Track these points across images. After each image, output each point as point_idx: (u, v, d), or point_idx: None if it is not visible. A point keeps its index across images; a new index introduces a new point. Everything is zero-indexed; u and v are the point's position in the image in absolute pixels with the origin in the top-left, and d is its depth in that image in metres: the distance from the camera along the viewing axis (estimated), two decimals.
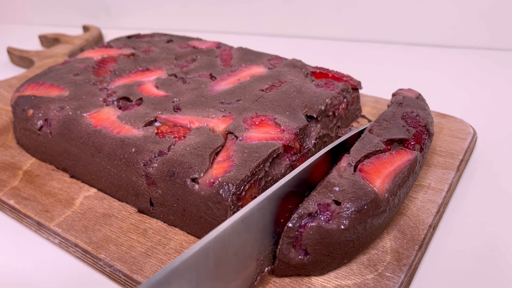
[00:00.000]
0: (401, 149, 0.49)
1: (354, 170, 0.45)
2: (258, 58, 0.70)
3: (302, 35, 1.11)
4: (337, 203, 0.41)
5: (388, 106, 0.57)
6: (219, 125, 0.53)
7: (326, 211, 0.41)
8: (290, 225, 0.40)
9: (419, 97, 0.58)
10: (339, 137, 0.53)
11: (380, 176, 0.45)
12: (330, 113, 0.59)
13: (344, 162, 0.46)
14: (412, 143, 0.50)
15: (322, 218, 0.40)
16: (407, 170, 0.47)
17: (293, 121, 0.53)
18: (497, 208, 0.53)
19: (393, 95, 0.60)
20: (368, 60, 0.95)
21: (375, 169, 0.45)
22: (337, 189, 0.42)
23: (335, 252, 0.42)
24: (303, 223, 0.40)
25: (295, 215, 0.40)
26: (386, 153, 0.48)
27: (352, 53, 1.00)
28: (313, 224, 0.40)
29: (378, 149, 0.48)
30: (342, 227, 0.40)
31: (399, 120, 0.52)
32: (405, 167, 0.47)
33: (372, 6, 1.01)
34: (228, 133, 0.52)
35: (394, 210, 0.46)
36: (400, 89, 0.60)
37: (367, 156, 0.47)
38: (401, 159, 0.47)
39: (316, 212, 0.41)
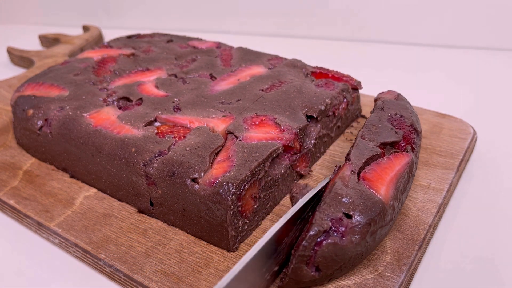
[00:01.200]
0: (396, 151, 0.49)
1: (358, 178, 0.45)
2: (258, 58, 0.70)
3: (302, 35, 1.11)
4: (348, 216, 0.41)
5: (371, 113, 0.57)
6: (219, 125, 0.53)
7: (340, 226, 0.40)
8: (305, 244, 0.39)
9: (398, 97, 0.58)
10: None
11: (384, 183, 0.44)
12: (330, 113, 0.59)
13: (347, 170, 0.45)
14: (403, 144, 0.50)
15: (336, 235, 0.39)
16: (406, 173, 0.47)
17: (293, 121, 0.53)
18: (497, 208, 0.53)
19: (375, 100, 0.59)
20: (368, 60, 0.95)
21: (378, 176, 0.45)
22: (345, 200, 0.41)
23: (344, 266, 0.41)
24: (318, 241, 0.39)
25: (311, 233, 0.39)
26: (384, 158, 0.48)
27: (352, 53, 1.00)
28: (329, 241, 0.39)
29: (375, 153, 0.48)
30: (355, 242, 0.40)
31: (386, 123, 0.53)
32: (404, 170, 0.47)
33: (372, 6, 1.01)
34: (228, 133, 0.52)
35: (397, 216, 0.46)
36: (380, 93, 0.60)
37: (367, 162, 0.47)
38: (399, 163, 0.47)
39: (330, 228, 0.40)
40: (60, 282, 0.48)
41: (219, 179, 0.45)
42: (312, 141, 0.56)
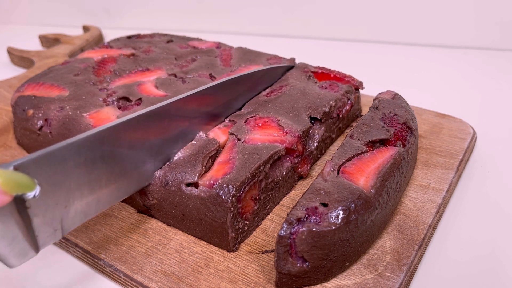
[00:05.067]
0: (382, 147, 0.49)
1: (338, 173, 0.45)
2: (258, 58, 0.70)
3: (302, 35, 1.11)
4: (325, 205, 0.42)
5: None
6: (220, 136, 0.53)
7: (315, 214, 0.41)
8: (281, 233, 0.40)
9: (395, 96, 0.58)
10: None
11: (364, 174, 0.45)
12: (334, 115, 0.59)
13: (327, 168, 0.46)
14: (394, 141, 0.50)
15: (312, 222, 0.40)
16: (390, 165, 0.47)
17: (296, 123, 0.53)
18: (497, 208, 0.53)
19: (374, 100, 0.60)
20: (368, 60, 0.95)
21: (358, 168, 0.46)
22: (322, 192, 0.43)
23: (332, 255, 0.41)
24: (294, 230, 0.40)
25: (284, 224, 0.40)
26: (368, 153, 0.48)
27: (352, 53, 1.00)
28: (304, 228, 0.40)
29: (360, 151, 0.48)
30: (333, 227, 0.40)
31: (378, 122, 0.53)
32: (388, 162, 0.47)
33: (372, 6, 1.01)
34: (230, 134, 0.52)
35: (386, 206, 0.46)
36: (379, 94, 0.60)
37: (349, 160, 0.47)
38: (383, 156, 0.48)
39: (305, 216, 0.41)
40: (60, 282, 0.48)
41: (219, 180, 0.45)
42: (315, 144, 0.56)
